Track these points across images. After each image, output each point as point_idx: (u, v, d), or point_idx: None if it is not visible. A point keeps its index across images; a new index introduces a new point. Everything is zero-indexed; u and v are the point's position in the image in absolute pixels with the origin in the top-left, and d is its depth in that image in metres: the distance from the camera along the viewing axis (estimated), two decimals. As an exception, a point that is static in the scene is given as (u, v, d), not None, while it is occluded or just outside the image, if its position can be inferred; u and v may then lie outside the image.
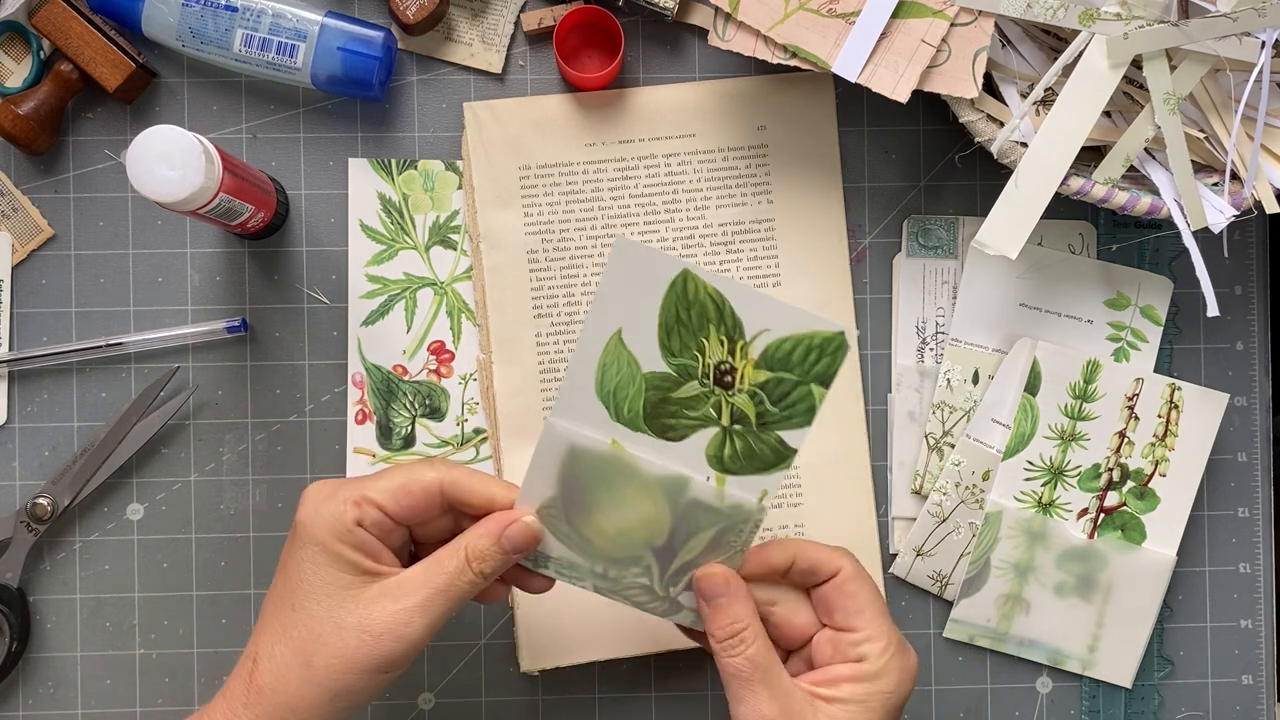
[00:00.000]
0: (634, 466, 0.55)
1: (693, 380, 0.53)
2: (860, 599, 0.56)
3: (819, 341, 0.52)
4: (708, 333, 0.52)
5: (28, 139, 0.68)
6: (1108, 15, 0.64)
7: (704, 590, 0.56)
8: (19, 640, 0.70)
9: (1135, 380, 0.71)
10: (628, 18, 0.72)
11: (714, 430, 0.54)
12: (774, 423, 0.54)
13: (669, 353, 0.53)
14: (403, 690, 0.72)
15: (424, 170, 0.72)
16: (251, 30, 0.68)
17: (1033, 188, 0.64)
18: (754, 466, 0.55)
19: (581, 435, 0.55)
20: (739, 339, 0.52)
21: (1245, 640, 0.74)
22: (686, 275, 0.51)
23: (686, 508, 0.56)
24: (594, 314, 0.53)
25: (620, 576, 0.58)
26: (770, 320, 0.52)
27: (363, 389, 0.72)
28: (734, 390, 0.53)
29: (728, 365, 0.53)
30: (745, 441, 0.54)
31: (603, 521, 0.57)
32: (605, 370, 0.54)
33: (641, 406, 0.54)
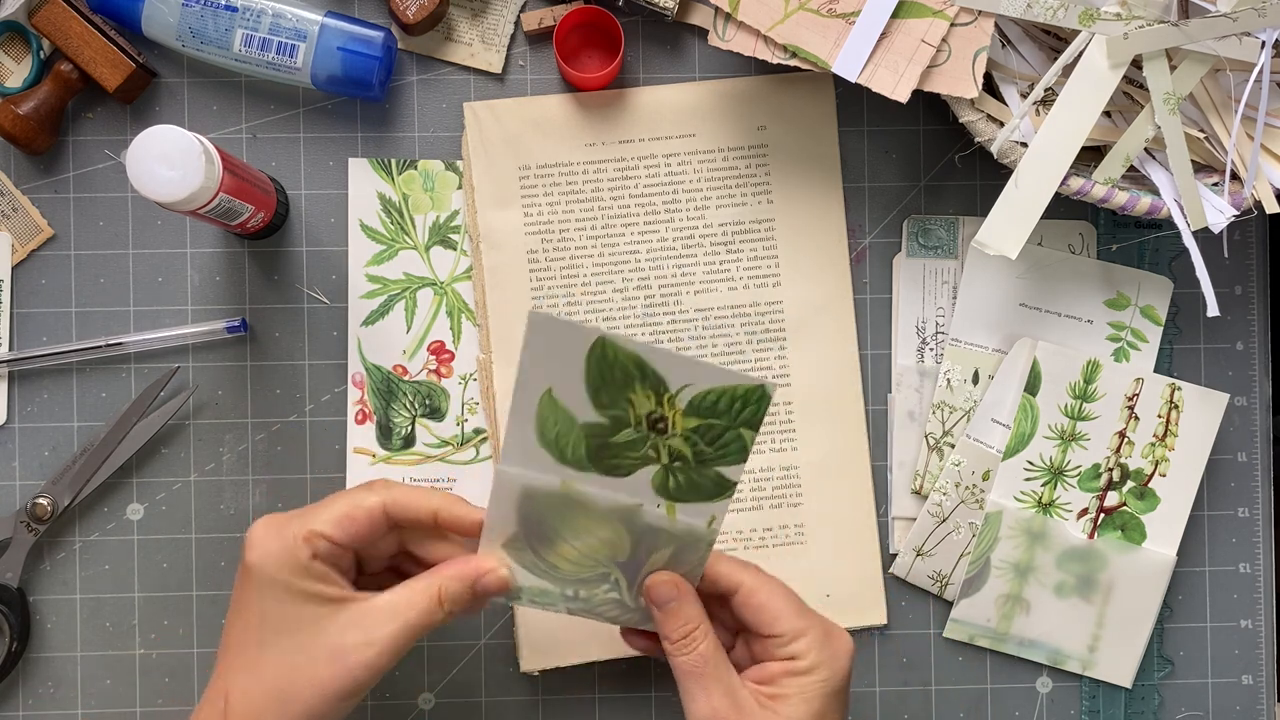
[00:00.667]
0: (587, 500, 0.57)
1: (627, 427, 0.55)
2: (771, 607, 0.58)
3: (742, 393, 0.54)
4: (633, 389, 0.53)
5: (28, 139, 0.68)
6: (1108, 15, 0.64)
7: (655, 597, 0.58)
8: (19, 640, 0.70)
9: (1135, 380, 0.71)
10: (628, 18, 0.72)
11: (656, 467, 0.56)
12: (711, 460, 0.56)
13: (600, 406, 0.54)
14: (403, 690, 0.72)
15: (424, 170, 0.72)
16: (251, 30, 0.68)
17: (1033, 188, 0.64)
18: (699, 496, 0.57)
19: (531, 478, 0.56)
20: (664, 392, 0.53)
21: (1245, 640, 0.74)
22: (604, 342, 0.52)
23: (643, 530, 0.58)
24: (521, 379, 0.54)
25: (591, 595, 0.60)
26: (691, 376, 0.54)
27: (363, 389, 0.72)
28: (668, 434, 0.55)
29: (658, 414, 0.54)
30: (687, 476, 0.56)
31: (566, 549, 0.58)
32: (544, 422, 0.55)
33: (585, 450, 0.56)
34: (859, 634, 0.72)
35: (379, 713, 0.72)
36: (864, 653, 0.73)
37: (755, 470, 0.72)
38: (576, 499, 0.57)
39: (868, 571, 0.72)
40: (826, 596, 0.72)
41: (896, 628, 0.73)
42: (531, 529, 0.58)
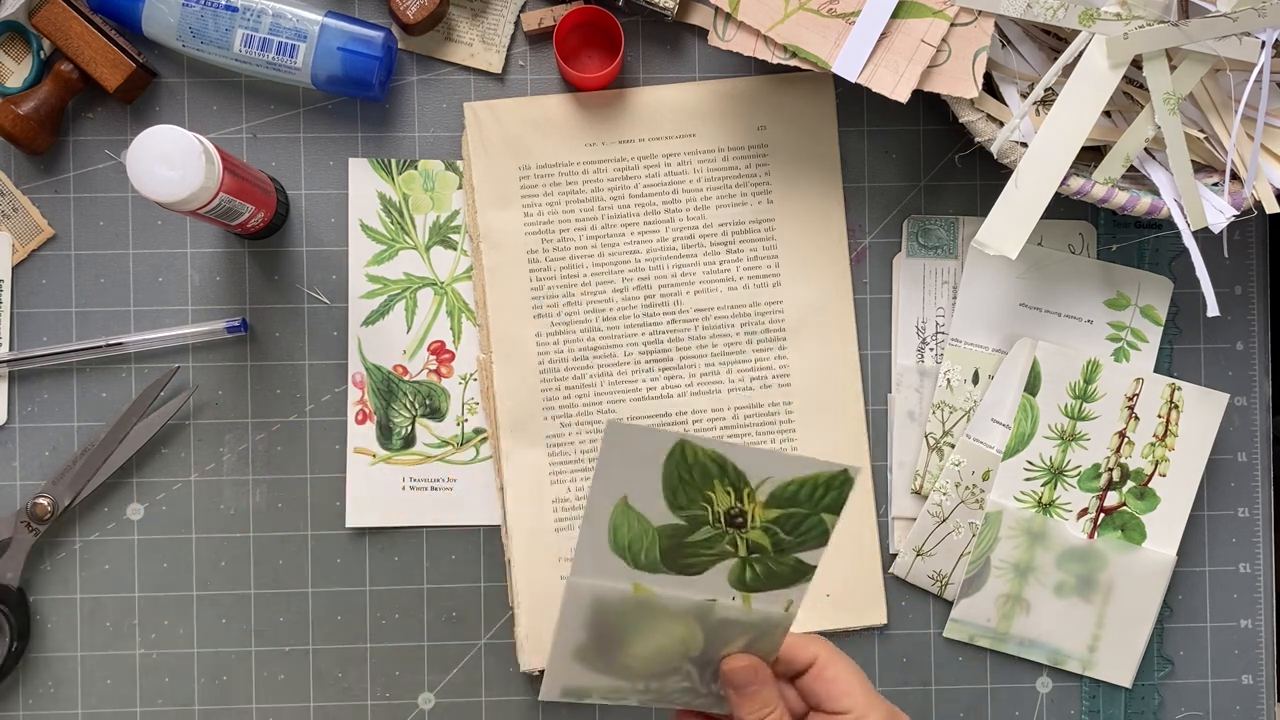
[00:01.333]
0: (660, 603, 0.56)
1: (705, 525, 0.54)
2: (842, 682, 0.58)
3: (825, 480, 0.53)
4: (713, 487, 0.53)
5: (28, 139, 0.68)
6: (1108, 15, 0.64)
7: (733, 680, 0.58)
8: (19, 640, 0.70)
9: (1135, 380, 0.71)
10: (628, 18, 0.72)
11: (733, 561, 0.55)
12: (790, 548, 0.55)
13: (677, 508, 0.53)
14: (403, 690, 0.72)
15: (424, 170, 0.72)
16: (251, 30, 0.68)
17: (1033, 188, 0.64)
18: (776, 584, 0.56)
19: (603, 586, 0.55)
20: (745, 487, 0.53)
21: (1245, 640, 0.74)
22: (684, 445, 0.52)
23: (717, 625, 0.57)
24: (596, 487, 0.53)
25: (662, 687, 0.59)
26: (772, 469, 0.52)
27: (363, 389, 0.72)
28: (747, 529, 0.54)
29: (737, 509, 0.53)
30: (765, 565, 0.55)
31: (638, 650, 0.58)
32: (617, 530, 0.54)
33: (659, 553, 0.55)
34: (859, 634, 0.73)
35: (379, 713, 0.72)
36: (864, 653, 0.73)
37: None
38: (648, 602, 0.56)
39: (868, 571, 0.72)
40: (826, 596, 0.72)
41: (896, 628, 0.73)
42: (603, 635, 0.57)
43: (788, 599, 0.56)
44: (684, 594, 0.56)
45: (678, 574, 0.55)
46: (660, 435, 0.52)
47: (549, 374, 0.71)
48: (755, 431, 0.71)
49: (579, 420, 0.71)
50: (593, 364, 0.71)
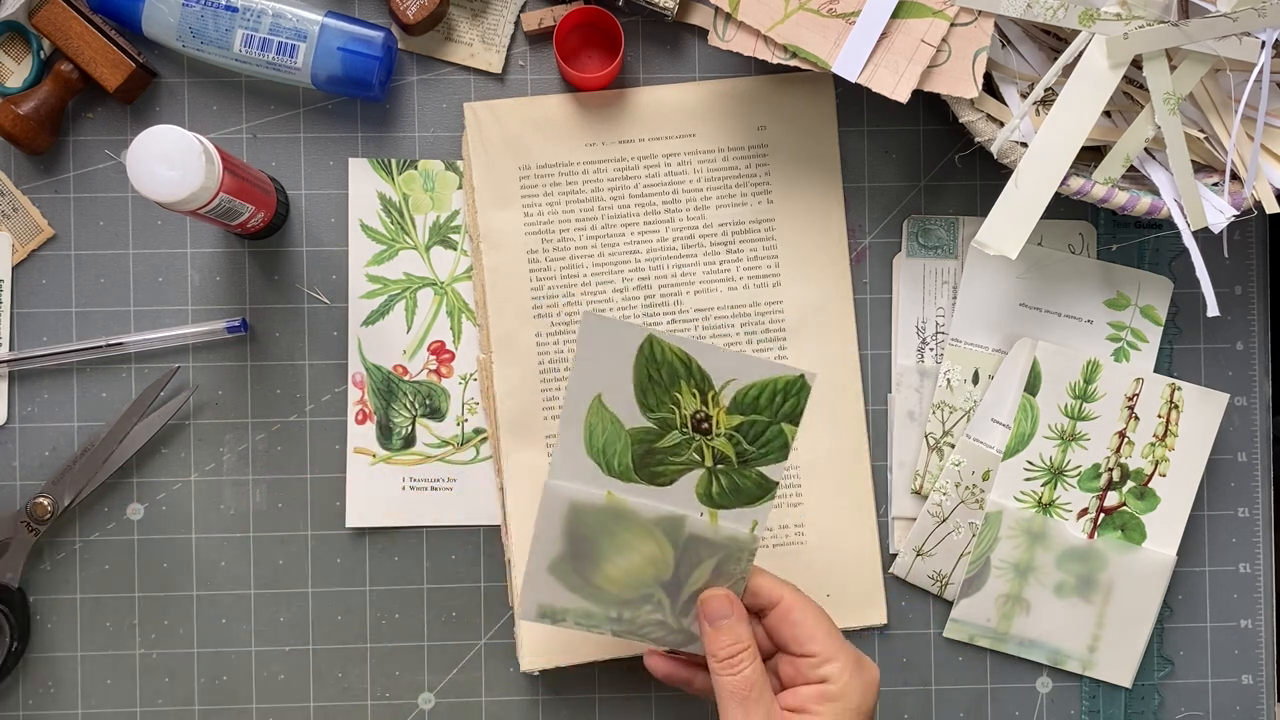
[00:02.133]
0: (632, 513, 0.58)
1: (673, 430, 0.57)
2: (808, 625, 0.59)
3: (783, 385, 0.55)
4: (679, 387, 0.55)
5: (28, 139, 0.68)
6: (1108, 15, 0.64)
7: (709, 612, 0.59)
8: (19, 640, 0.70)
9: (1135, 380, 0.71)
10: (628, 18, 0.72)
11: (700, 472, 0.57)
12: (753, 460, 0.57)
13: (647, 409, 0.56)
14: (403, 690, 0.72)
15: (424, 170, 0.72)
16: (251, 30, 0.68)
17: (1033, 188, 0.64)
18: (741, 500, 0.58)
19: (579, 491, 0.58)
20: (709, 389, 0.55)
21: (1245, 640, 0.74)
22: (652, 340, 0.55)
23: (686, 543, 0.59)
24: (573, 383, 0.56)
25: (635, 616, 0.61)
26: (735, 371, 0.55)
27: (363, 389, 0.72)
28: (712, 435, 0.56)
29: (702, 414, 0.56)
30: (730, 479, 0.57)
31: (610, 569, 0.60)
32: (592, 431, 0.57)
33: (630, 459, 0.57)
34: (859, 634, 0.73)
35: (379, 713, 0.72)
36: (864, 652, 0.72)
37: (755, 470, 0.72)
38: (621, 512, 0.58)
39: (868, 571, 0.72)
40: (827, 596, 0.72)
41: (896, 628, 0.73)
42: (578, 548, 0.59)
43: (753, 519, 0.58)
44: (655, 505, 0.58)
45: (648, 484, 0.58)
46: (632, 329, 0.55)
47: (549, 374, 0.71)
48: (755, 431, 0.71)
49: (579, 420, 0.71)
50: (593, 364, 0.71)
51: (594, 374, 0.57)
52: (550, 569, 0.60)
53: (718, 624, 0.59)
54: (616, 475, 0.58)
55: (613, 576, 0.60)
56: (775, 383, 0.55)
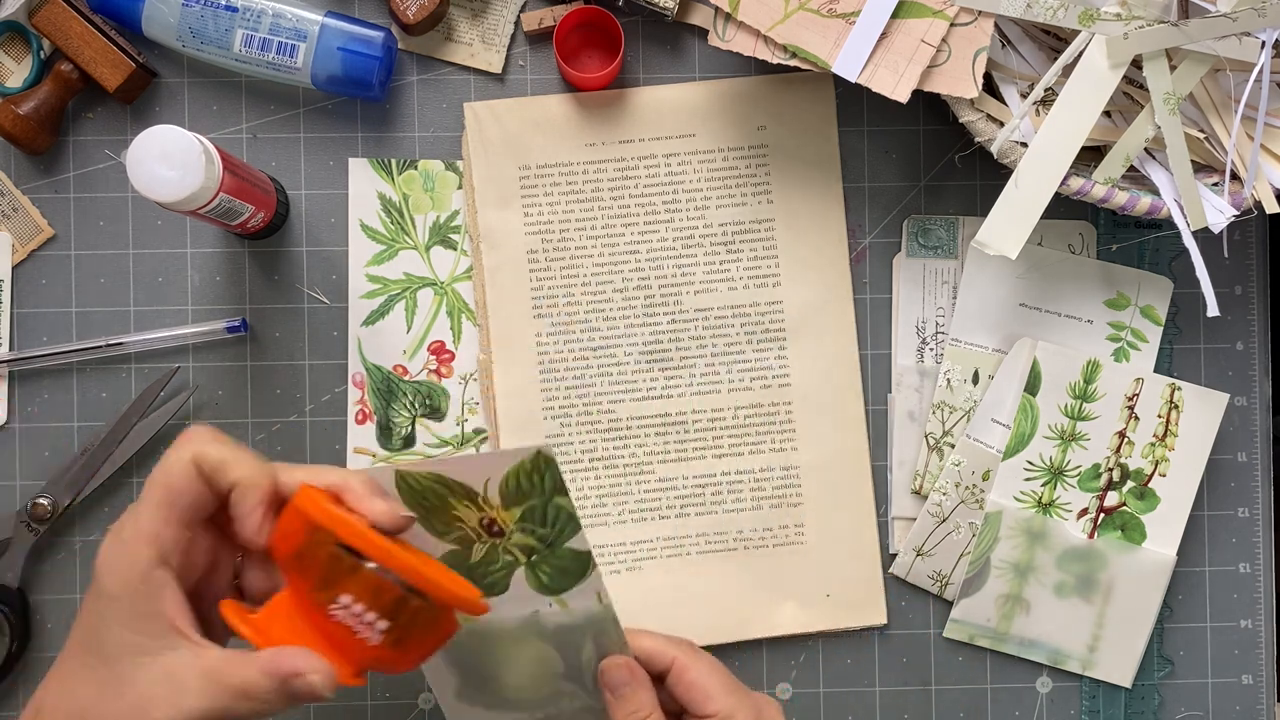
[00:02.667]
0: (494, 628, 0.58)
1: (475, 543, 0.55)
2: (703, 685, 0.58)
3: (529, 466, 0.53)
4: (452, 505, 0.54)
5: (28, 139, 0.68)
6: (1108, 15, 0.64)
7: (609, 681, 0.58)
8: (19, 640, 0.70)
9: (1135, 380, 0.71)
10: (628, 18, 0.72)
11: (521, 569, 0.56)
12: (555, 540, 0.56)
13: (441, 534, 0.55)
14: (403, 690, 0.72)
15: (424, 170, 0.72)
16: (251, 30, 0.68)
17: (1033, 188, 0.64)
18: (571, 580, 0.57)
19: None
20: (476, 496, 0.54)
21: (1245, 640, 0.74)
22: (400, 475, 0.53)
23: (555, 634, 0.58)
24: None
25: (560, 712, 0.61)
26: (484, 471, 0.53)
27: (363, 389, 0.72)
28: (506, 534, 0.55)
29: (487, 519, 0.55)
30: (549, 564, 0.56)
31: (509, 679, 0.59)
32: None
33: None
34: (859, 634, 0.73)
35: (379, 713, 0.72)
36: (864, 653, 0.73)
37: (755, 470, 0.72)
38: (483, 632, 0.58)
39: (868, 571, 0.72)
40: (826, 596, 0.72)
41: (896, 628, 0.73)
42: (469, 676, 0.59)
43: (594, 590, 0.57)
44: (508, 614, 0.57)
45: (490, 596, 0.57)
46: (381, 471, 0.53)
47: (549, 374, 0.71)
48: (755, 431, 0.71)
49: (579, 420, 0.71)
50: (593, 364, 0.71)
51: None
52: (458, 697, 0.60)
53: (619, 692, 0.58)
54: None
55: (515, 685, 0.60)
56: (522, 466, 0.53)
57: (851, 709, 0.72)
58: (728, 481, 0.72)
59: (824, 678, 0.73)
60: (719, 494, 0.72)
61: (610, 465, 0.71)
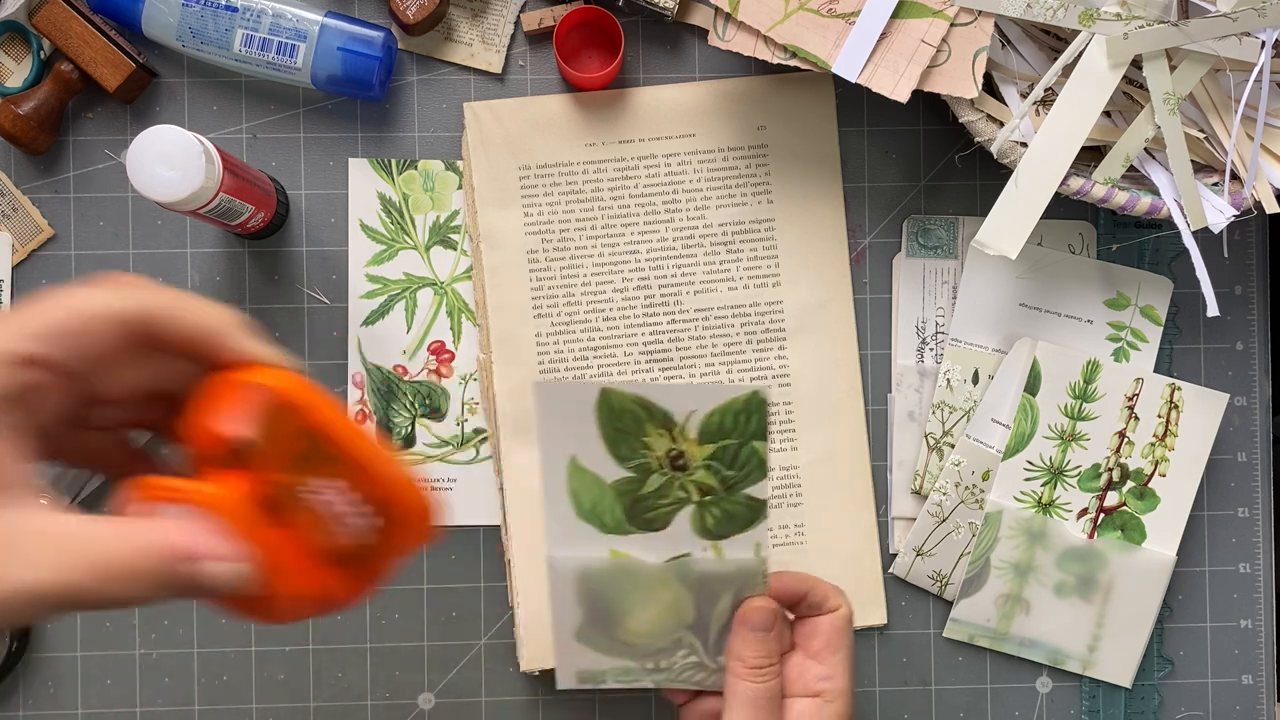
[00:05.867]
0: (639, 565, 0.58)
1: (653, 474, 0.56)
2: (840, 640, 0.59)
3: (741, 404, 0.55)
4: (646, 431, 0.55)
5: (28, 139, 0.68)
6: (1108, 15, 0.64)
7: (753, 620, 0.58)
8: (19, 640, 0.70)
9: (1135, 380, 0.71)
10: (628, 18, 0.72)
11: (691, 508, 0.57)
12: (737, 484, 0.56)
13: (622, 460, 0.56)
14: (403, 690, 0.72)
15: (424, 170, 0.72)
16: (251, 30, 0.68)
17: (1033, 188, 0.64)
18: (737, 527, 0.57)
19: (582, 557, 0.58)
20: (674, 426, 0.55)
21: (1245, 640, 0.74)
22: (606, 393, 0.54)
23: (700, 582, 0.58)
24: (543, 454, 0.56)
25: (671, 664, 0.60)
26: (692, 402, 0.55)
27: (363, 389, 0.72)
28: (690, 469, 0.56)
29: (675, 451, 0.55)
30: (720, 508, 0.57)
31: (634, 624, 0.59)
32: (578, 496, 0.57)
33: (621, 512, 0.57)
34: (859, 634, 0.73)
35: (379, 713, 0.72)
36: (864, 653, 0.73)
37: (755, 470, 0.72)
38: (629, 567, 0.58)
39: (868, 571, 0.72)
40: (826, 596, 0.72)
41: (896, 628, 0.73)
42: (597, 613, 0.59)
43: (754, 542, 0.57)
44: (659, 553, 0.58)
45: (645, 531, 0.57)
46: (584, 388, 0.55)
47: (549, 374, 0.71)
48: (755, 431, 0.71)
49: (579, 420, 0.71)
50: (593, 364, 0.71)
51: (561, 439, 0.56)
52: (576, 637, 0.60)
53: (758, 634, 0.58)
54: (613, 531, 0.57)
55: (638, 631, 0.60)
56: (733, 404, 0.55)
57: (851, 709, 0.72)
58: (728, 481, 0.72)
59: (824, 678, 0.73)
60: (719, 494, 0.72)
61: (610, 465, 0.71)
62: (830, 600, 0.60)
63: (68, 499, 0.69)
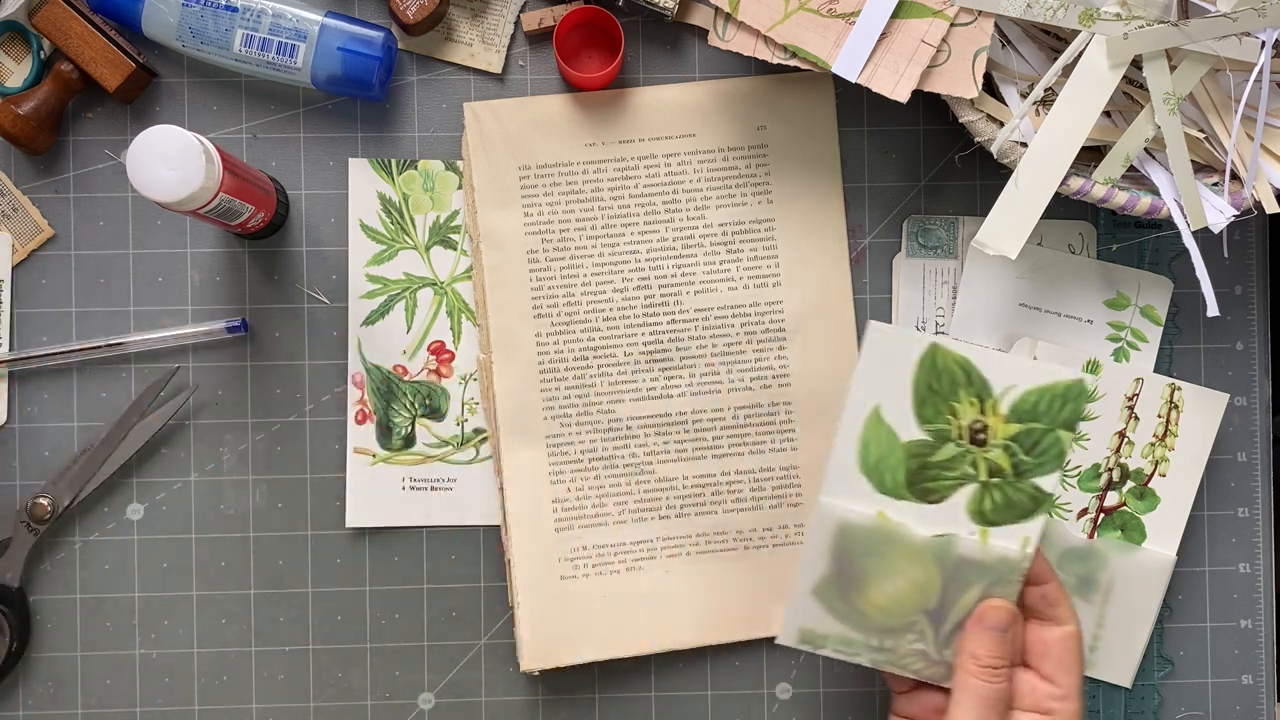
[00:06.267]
0: (902, 534, 0.58)
1: (949, 443, 0.56)
2: (1073, 661, 0.59)
3: (1062, 390, 0.55)
4: (958, 396, 0.55)
5: (28, 139, 0.68)
6: (1108, 15, 0.64)
7: (990, 618, 0.58)
8: (19, 640, 0.70)
9: (1135, 380, 0.71)
10: (628, 18, 0.72)
11: (973, 487, 0.57)
12: (1028, 471, 0.56)
13: (924, 420, 0.56)
14: (403, 690, 0.72)
15: (424, 170, 0.72)
16: (251, 30, 0.68)
17: (1033, 188, 0.64)
18: (1013, 516, 0.57)
19: (850, 510, 0.58)
20: (988, 398, 0.55)
21: (1245, 640, 0.74)
22: (935, 348, 0.55)
23: (955, 566, 0.58)
24: (853, 394, 0.56)
25: (896, 646, 0.60)
26: (1014, 377, 0.55)
27: (363, 389, 0.72)
28: (988, 446, 0.56)
29: (980, 424, 0.55)
30: (1003, 493, 0.57)
31: (875, 594, 0.59)
32: (866, 446, 0.57)
33: (904, 475, 0.57)
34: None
35: (379, 713, 0.72)
36: (864, 653, 0.73)
37: (755, 470, 0.72)
38: (891, 534, 0.57)
39: (868, 571, 0.72)
40: (826, 596, 0.72)
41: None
42: (844, 570, 0.59)
43: (1024, 535, 0.57)
44: (926, 526, 0.57)
45: (920, 501, 0.57)
46: (915, 337, 0.55)
47: (549, 374, 0.71)
48: (755, 431, 0.71)
49: (579, 420, 0.71)
50: (593, 364, 0.71)
51: (874, 385, 0.57)
52: (814, 591, 0.60)
53: (993, 633, 0.58)
54: (888, 493, 0.57)
55: (877, 602, 0.59)
56: (1054, 388, 0.55)
57: (851, 709, 0.72)
58: (727, 481, 0.72)
59: (824, 678, 0.73)
60: (719, 494, 0.72)
61: (610, 465, 0.71)
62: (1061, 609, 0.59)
63: (68, 498, 0.69)
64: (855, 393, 0.57)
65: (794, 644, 0.61)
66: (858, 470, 0.57)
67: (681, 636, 0.71)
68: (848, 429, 0.57)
